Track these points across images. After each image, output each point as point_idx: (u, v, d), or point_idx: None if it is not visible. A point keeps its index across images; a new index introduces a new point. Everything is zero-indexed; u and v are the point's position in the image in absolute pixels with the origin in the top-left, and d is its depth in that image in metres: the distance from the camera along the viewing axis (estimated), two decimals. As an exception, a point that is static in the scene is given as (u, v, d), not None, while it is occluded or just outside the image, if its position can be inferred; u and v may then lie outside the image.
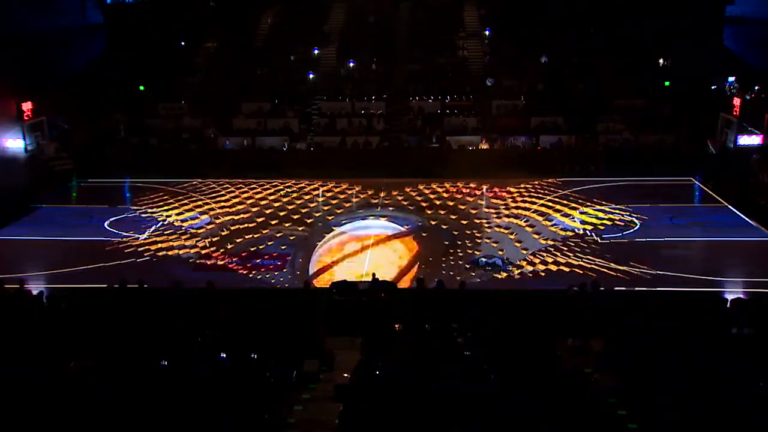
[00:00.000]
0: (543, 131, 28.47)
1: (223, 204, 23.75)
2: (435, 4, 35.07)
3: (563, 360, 9.99)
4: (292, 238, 20.55)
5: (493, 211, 22.67)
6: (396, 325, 11.14)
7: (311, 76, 32.39)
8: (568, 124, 28.74)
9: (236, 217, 22.27)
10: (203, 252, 19.49)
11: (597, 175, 26.16)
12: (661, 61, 31.51)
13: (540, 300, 13.69)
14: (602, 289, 13.21)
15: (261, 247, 19.80)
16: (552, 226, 21.02)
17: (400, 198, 24.21)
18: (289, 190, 25.31)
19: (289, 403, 9.09)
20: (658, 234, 20.22)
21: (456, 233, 20.67)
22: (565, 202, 23.35)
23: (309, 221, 21.95)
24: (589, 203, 23.03)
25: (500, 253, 19.01)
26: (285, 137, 28.94)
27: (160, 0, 34.88)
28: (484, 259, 18.49)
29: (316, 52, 33.44)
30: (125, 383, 8.37)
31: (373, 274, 14.19)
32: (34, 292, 13.61)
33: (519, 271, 17.92)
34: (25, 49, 27.48)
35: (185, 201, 24.13)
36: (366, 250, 19.53)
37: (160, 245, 19.98)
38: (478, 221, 21.70)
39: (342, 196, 24.45)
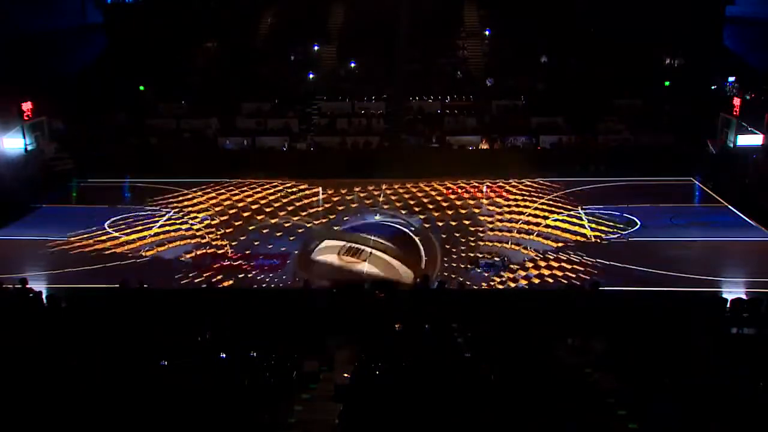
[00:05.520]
0: (543, 131, 28.46)
1: (223, 204, 23.74)
2: (435, 4, 35.07)
3: (563, 360, 9.99)
4: (292, 238, 20.56)
5: (493, 210, 22.68)
6: (396, 325, 11.15)
7: (311, 76, 32.39)
8: (568, 124, 28.74)
9: (235, 220, 22.24)
10: (203, 252, 19.48)
11: (597, 175, 26.15)
12: (667, 60, 31.52)
13: (540, 300, 13.70)
14: (602, 288, 13.23)
15: (261, 246, 19.75)
16: (552, 221, 21.03)
17: (399, 198, 24.20)
18: (289, 190, 25.30)
19: (289, 403, 9.09)
20: (658, 234, 20.23)
21: (456, 233, 20.66)
22: (565, 202, 23.37)
23: (309, 221, 21.96)
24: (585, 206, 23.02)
25: (505, 247, 19.04)
26: (285, 137, 28.91)
27: (160, 0, 34.89)
28: (484, 261, 18.49)
29: (316, 48, 33.43)
30: (125, 383, 8.37)
31: (372, 283, 14.23)
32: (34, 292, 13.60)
33: (518, 269, 17.94)
34: (26, 49, 27.48)
35: (185, 201, 24.10)
36: (366, 250, 19.53)
37: (159, 245, 19.99)
38: (478, 221, 21.70)
39: (340, 199, 24.40)
